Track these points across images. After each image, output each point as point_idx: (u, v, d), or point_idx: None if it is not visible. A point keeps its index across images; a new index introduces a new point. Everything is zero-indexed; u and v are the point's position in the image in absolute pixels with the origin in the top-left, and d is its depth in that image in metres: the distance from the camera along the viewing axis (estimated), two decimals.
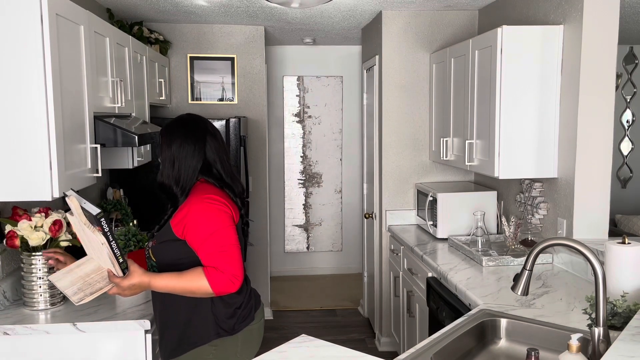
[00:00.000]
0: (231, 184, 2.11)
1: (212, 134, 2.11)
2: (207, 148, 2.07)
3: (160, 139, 2.11)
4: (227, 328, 2.05)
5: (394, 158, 4.11)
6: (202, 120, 2.14)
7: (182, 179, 2.04)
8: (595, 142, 2.76)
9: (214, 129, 2.14)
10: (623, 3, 3.31)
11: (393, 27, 4.04)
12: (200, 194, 2.01)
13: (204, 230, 1.95)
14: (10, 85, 2.00)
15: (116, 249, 1.86)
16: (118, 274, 1.91)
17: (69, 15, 2.21)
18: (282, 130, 6.18)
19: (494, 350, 2.09)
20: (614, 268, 2.10)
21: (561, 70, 2.89)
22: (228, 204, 2.04)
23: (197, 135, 2.07)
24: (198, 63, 4.62)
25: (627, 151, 5.76)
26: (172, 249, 2.01)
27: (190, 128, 2.08)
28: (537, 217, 3.10)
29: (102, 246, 1.82)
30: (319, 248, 6.36)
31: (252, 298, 2.17)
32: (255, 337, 2.17)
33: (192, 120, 2.12)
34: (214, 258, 1.94)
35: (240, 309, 2.08)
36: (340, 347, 1.85)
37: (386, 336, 4.28)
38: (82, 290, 1.94)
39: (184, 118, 2.13)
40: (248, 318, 2.12)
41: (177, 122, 2.11)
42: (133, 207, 3.87)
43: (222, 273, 1.93)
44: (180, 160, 2.04)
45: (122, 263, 1.90)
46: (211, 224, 1.96)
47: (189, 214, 1.97)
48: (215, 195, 2.01)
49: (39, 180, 2.05)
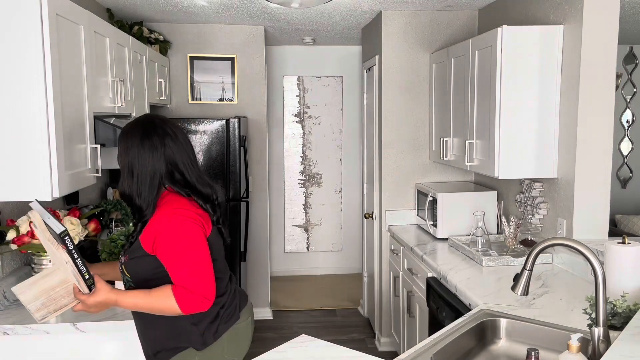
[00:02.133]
0: (200, 188, 1.97)
1: (172, 136, 1.94)
2: (166, 152, 1.92)
3: (118, 146, 1.97)
4: (211, 334, 1.98)
5: (394, 158, 4.11)
6: (161, 122, 1.97)
7: (142, 189, 1.91)
8: (595, 142, 2.76)
9: (174, 130, 1.97)
10: (623, 3, 3.32)
11: (393, 27, 4.04)
12: (169, 207, 1.89)
13: (173, 248, 1.85)
14: (10, 85, 2.00)
15: (82, 265, 1.78)
16: (84, 291, 1.82)
17: (69, 15, 2.21)
18: (282, 130, 6.18)
19: (494, 350, 2.09)
20: (614, 268, 2.11)
21: (561, 70, 2.89)
22: (198, 216, 1.92)
23: (155, 139, 1.91)
24: (198, 63, 4.62)
25: (627, 151, 5.76)
26: (145, 265, 1.92)
27: (147, 132, 1.92)
28: (537, 217, 3.10)
29: (67, 264, 1.75)
30: (319, 248, 6.36)
31: (236, 297, 2.10)
32: (242, 336, 2.10)
33: (150, 123, 1.95)
34: (184, 278, 1.85)
35: (224, 309, 2.02)
36: (340, 347, 1.85)
37: (386, 336, 4.28)
38: (45, 307, 1.82)
39: (140, 120, 1.98)
40: (233, 317, 2.05)
41: (133, 125, 1.96)
42: None
43: (192, 293, 1.84)
44: (138, 168, 1.90)
45: (87, 279, 1.82)
46: (181, 242, 1.85)
47: (157, 230, 1.86)
48: (183, 209, 1.89)
49: (39, 180, 2.04)
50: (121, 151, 1.94)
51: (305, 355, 1.79)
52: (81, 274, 1.79)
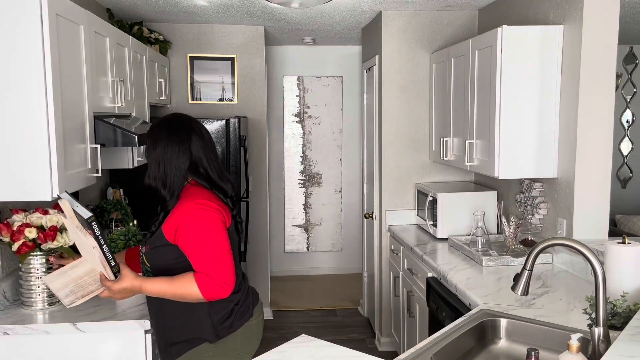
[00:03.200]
0: (221, 184, 2.08)
1: (197, 133, 2.07)
2: (192, 148, 2.04)
3: (147, 140, 2.10)
4: (225, 328, 2.05)
5: (394, 158, 4.11)
6: (188, 120, 2.11)
7: (168, 181, 2.01)
8: (595, 142, 2.76)
9: (200, 128, 2.10)
10: (623, 3, 3.31)
11: (393, 27, 4.04)
12: (192, 198, 1.99)
13: (195, 236, 1.94)
14: (10, 85, 2.00)
15: (108, 252, 1.88)
16: (109, 277, 1.92)
17: (69, 15, 2.21)
18: (282, 130, 6.18)
19: (494, 350, 2.09)
20: (614, 268, 2.10)
21: (561, 70, 2.89)
22: (219, 207, 2.02)
23: (182, 135, 2.04)
24: (198, 63, 4.62)
25: (627, 151, 5.76)
26: (165, 254, 2.01)
27: (175, 128, 2.05)
28: (537, 217, 3.10)
29: (94, 250, 1.83)
30: (319, 248, 6.36)
31: (249, 295, 2.18)
32: (254, 333, 2.17)
33: (177, 120, 2.10)
34: (206, 264, 1.94)
35: (238, 306, 2.09)
36: (340, 347, 1.85)
37: (386, 336, 4.28)
38: (73, 293, 1.95)
39: (168, 118, 2.11)
40: (246, 314, 2.12)
41: (162, 122, 2.09)
42: (133, 207, 3.87)
43: (213, 280, 1.92)
44: (165, 161, 2.02)
45: (113, 266, 1.91)
46: (203, 230, 1.94)
47: (180, 219, 1.96)
48: (206, 200, 1.99)
49: (39, 180, 2.05)
50: (149, 145, 2.07)
51: (305, 355, 1.79)
52: (107, 260, 1.89)
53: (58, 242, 2.26)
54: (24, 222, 2.23)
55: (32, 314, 2.29)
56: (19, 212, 2.28)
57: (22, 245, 2.22)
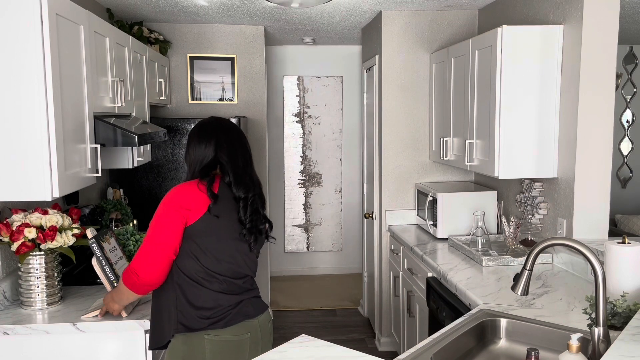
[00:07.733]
0: (232, 187, 2.06)
1: (225, 131, 2.13)
2: (217, 145, 2.08)
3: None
4: (186, 323, 1.99)
5: (394, 158, 4.11)
6: (218, 120, 2.19)
7: (191, 172, 2.11)
8: (595, 142, 2.76)
9: (229, 127, 2.16)
10: (623, 3, 3.31)
11: (393, 27, 4.03)
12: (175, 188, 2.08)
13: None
14: (10, 85, 2.00)
15: (109, 272, 2.30)
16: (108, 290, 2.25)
17: (69, 15, 2.21)
18: (282, 130, 6.18)
19: (494, 350, 2.09)
20: (614, 268, 2.10)
21: (561, 70, 2.89)
22: (196, 198, 1.98)
23: (208, 133, 2.11)
24: (198, 63, 4.62)
25: (627, 151, 5.76)
26: None
27: (204, 129, 2.14)
28: (537, 217, 3.10)
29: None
30: (319, 248, 6.36)
31: (232, 310, 2.05)
32: (227, 349, 2.03)
33: (208, 122, 2.18)
34: (135, 258, 2.00)
35: (209, 310, 2.01)
36: (340, 347, 1.84)
37: (386, 336, 4.28)
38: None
39: (202, 121, 2.19)
40: (216, 324, 2.00)
41: (196, 125, 2.19)
42: (133, 207, 3.87)
43: (137, 276, 1.98)
44: (192, 159, 2.11)
45: (112, 281, 2.27)
46: (151, 223, 2.01)
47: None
48: (183, 185, 2.02)
49: (39, 180, 2.05)
50: (187, 147, 2.17)
51: (305, 355, 1.79)
52: (105, 275, 2.27)
53: (57, 242, 2.26)
54: (23, 222, 2.23)
55: (31, 314, 2.29)
56: (18, 212, 2.28)
57: (21, 245, 2.22)
